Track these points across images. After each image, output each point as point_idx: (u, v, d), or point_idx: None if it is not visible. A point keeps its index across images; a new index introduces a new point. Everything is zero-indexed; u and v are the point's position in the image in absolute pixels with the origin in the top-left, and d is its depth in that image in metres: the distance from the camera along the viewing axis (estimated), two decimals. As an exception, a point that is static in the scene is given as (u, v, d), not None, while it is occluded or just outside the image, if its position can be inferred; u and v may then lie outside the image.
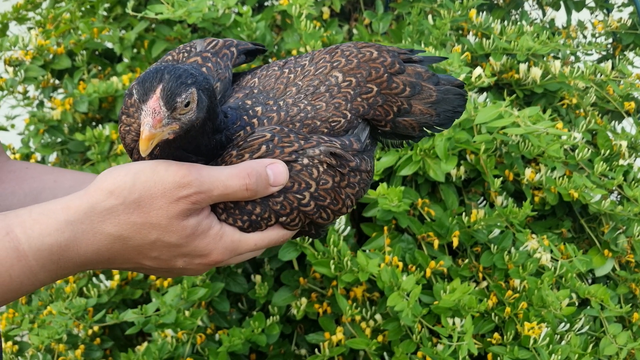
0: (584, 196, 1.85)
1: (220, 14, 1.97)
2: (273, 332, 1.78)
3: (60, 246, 0.75)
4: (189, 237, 0.79)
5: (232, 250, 0.83)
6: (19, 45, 2.16)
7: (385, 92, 0.95)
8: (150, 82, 0.74)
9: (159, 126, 0.74)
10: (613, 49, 2.47)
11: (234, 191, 0.81)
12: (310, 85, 0.94)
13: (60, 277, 0.79)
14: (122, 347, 2.00)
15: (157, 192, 0.77)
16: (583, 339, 1.76)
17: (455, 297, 1.65)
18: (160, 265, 0.81)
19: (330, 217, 0.89)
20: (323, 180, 0.87)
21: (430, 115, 0.98)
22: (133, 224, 0.77)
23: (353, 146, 0.90)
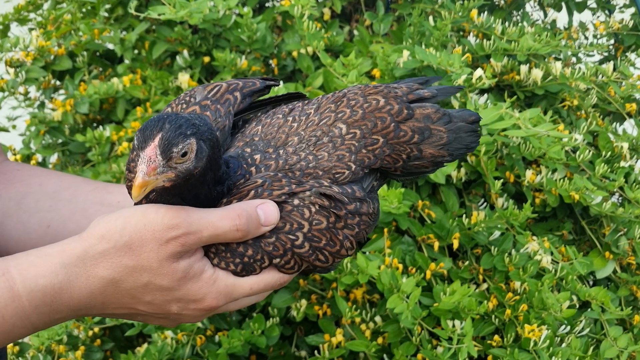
0: (585, 198, 1.85)
1: (221, 15, 1.97)
2: (273, 334, 1.78)
3: (54, 288, 0.76)
4: (180, 280, 0.79)
5: (227, 294, 0.82)
6: (20, 46, 2.16)
7: (392, 142, 0.92)
8: (150, 130, 0.76)
9: (153, 174, 0.75)
10: (615, 50, 2.46)
11: (224, 232, 0.80)
12: (312, 136, 0.92)
13: (53, 322, 0.79)
14: (122, 349, 2.00)
15: (147, 235, 0.77)
16: (583, 342, 1.76)
17: (455, 299, 1.65)
18: (155, 310, 0.81)
19: (329, 260, 0.86)
20: (316, 220, 0.85)
21: (442, 156, 0.95)
22: (125, 267, 0.77)
23: (355, 194, 0.88)
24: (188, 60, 2.12)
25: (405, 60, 1.86)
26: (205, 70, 2.17)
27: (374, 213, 0.90)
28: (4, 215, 1.07)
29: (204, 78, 2.16)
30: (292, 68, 2.14)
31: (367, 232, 0.90)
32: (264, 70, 2.14)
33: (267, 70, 2.17)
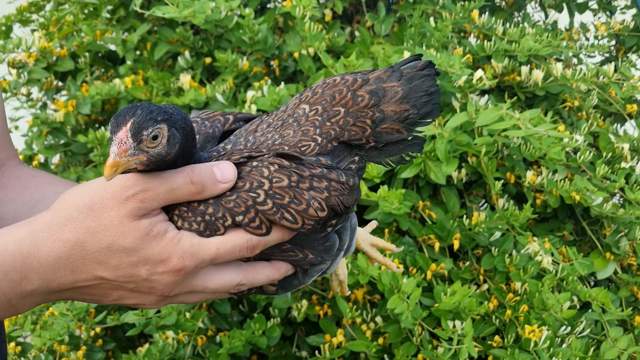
0: (585, 199, 1.85)
1: (222, 16, 1.98)
2: (274, 334, 1.79)
3: (22, 253, 0.78)
4: (143, 238, 0.80)
5: (193, 254, 0.82)
6: (22, 47, 2.17)
7: (353, 110, 0.94)
8: (123, 116, 0.80)
9: (123, 155, 0.79)
10: (616, 51, 2.46)
11: (179, 185, 0.82)
12: (279, 119, 0.96)
13: (24, 293, 0.79)
14: (124, 349, 2.00)
15: (107, 195, 0.80)
16: (584, 343, 1.76)
17: (456, 300, 1.65)
18: (124, 277, 0.81)
19: (297, 220, 0.86)
20: (276, 178, 0.86)
21: (406, 110, 0.95)
22: (88, 228, 0.79)
23: (321, 162, 0.90)
24: (190, 61, 2.13)
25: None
26: (207, 71, 2.18)
27: (347, 184, 0.90)
28: (16, 219, 1.08)
29: (205, 79, 2.16)
30: (294, 69, 2.15)
31: (343, 202, 0.89)
32: (265, 71, 2.14)
33: (268, 71, 2.17)
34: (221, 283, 0.87)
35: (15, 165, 1.17)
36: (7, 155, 1.17)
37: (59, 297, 0.84)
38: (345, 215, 0.93)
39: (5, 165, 1.16)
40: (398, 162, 0.98)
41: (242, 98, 1.98)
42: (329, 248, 0.93)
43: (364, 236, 1.11)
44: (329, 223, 0.91)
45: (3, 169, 1.16)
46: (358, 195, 0.93)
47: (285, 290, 0.96)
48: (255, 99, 1.91)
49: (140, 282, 0.83)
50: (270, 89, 1.91)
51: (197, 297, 0.88)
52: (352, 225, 1.00)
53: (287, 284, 0.95)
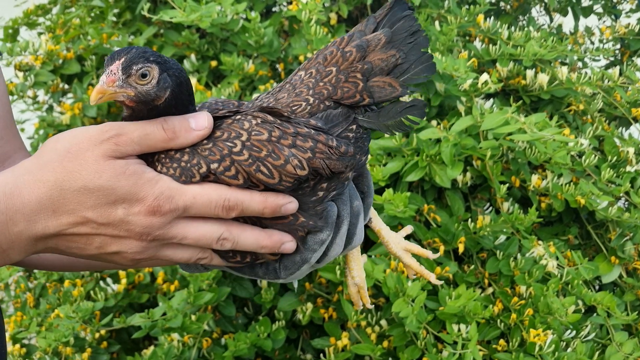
0: (590, 203, 1.85)
1: (228, 20, 1.99)
2: (279, 337, 1.79)
3: (5, 194, 0.82)
4: (119, 176, 0.82)
5: (169, 197, 0.83)
6: (29, 50, 2.18)
7: (343, 68, 0.94)
8: (118, 53, 0.84)
9: (111, 85, 0.83)
10: (621, 55, 2.46)
11: (152, 130, 0.84)
12: (278, 87, 0.98)
13: (14, 236, 0.82)
14: (129, 351, 2.01)
15: (84, 139, 0.84)
16: (589, 347, 1.75)
17: (461, 303, 1.65)
18: (102, 216, 0.83)
19: (274, 175, 0.85)
20: (256, 131, 0.86)
21: (392, 56, 0.94)
22: (65, 168, 0.83)
23: (310, 122, 0.89)
24: (195, 64, 2.13)
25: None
26: (213, 74, 2.19)
27: (336, 149, 0.88)
28: None
29: (211, 82, 2.17)
30: (299, 72, 2.15)
31: (329, 165, 0.88)
32: (271, 74, 2.15)
33: (273, 74, 2.18)
34: (202, 232, 0.87)
35: (22, 158, 1.18)
36: (13, 148, 1.18)
37: (46, 245, 0.86)
38: (338, 181, 0.91)
39: (12, 157, 1.18)
40: (399, 127, 0.95)
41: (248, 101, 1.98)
42: (323, 214, 0.91)
43: (397, 240, 1.06)
44: (319, 186, 0.90)
45: (9, 162, 1.17)
46: (350, 163, 0.91)
47: (289, 271, 0.94)
48: (260, 102, 1.91)
49: (117, 223, 0.84)
50: (276, 92, 1.92)
51: (182, 252, 0.88)
52: (354, 207, 0.96)
53: (289, 262, 0.93)
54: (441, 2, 2.12)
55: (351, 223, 0.95)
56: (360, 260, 1.02)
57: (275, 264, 0.93)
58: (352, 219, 0.95)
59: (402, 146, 1.84)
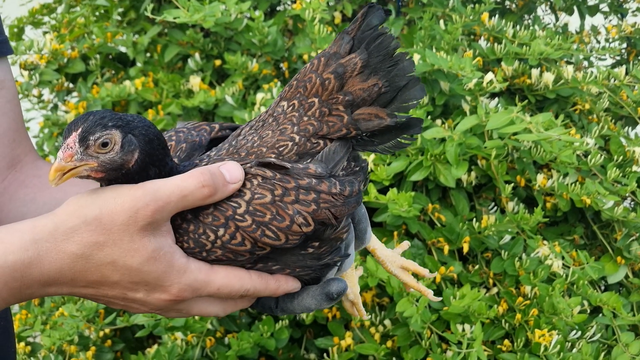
0: (596, 202, 1.84)
1: (232, 19, 1.99)
2: (282, 337, 1.78)
3: (23, 263, 0.76)
4: (149, 260, 0.78)
5: (194, 290, 0.81)
6: (34, 49, 2.19)
7: (325, 98, 0.88)
8: (75, 123, 0.79)
9: (69, 160, 0.78)
10: (627, 54, 2.45)
11: (191, 191, 0.79)
12: (260, 121, 0.92)
13: (25, 297, 0.79)
14: (133, 350, 2.01)
15: (117, 207, 0.77)
16: (595, 347, 1.74)
17: (465, 303, 1.64)
18: (121, 293, 0.80)
19: (280, 237, 0.82)
20: (258, 194, 0.82)
21: (374, 85, 0.86)
22: (95, 243, 0.77)
23: (309, 170, 0.84)
24: (199, 64, 2.13)
25: (416, 64, 1.86)
26: (217, 73, 2.18)
27: (340, 194, 0.84)
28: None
29: (215, 81, 2.17)
30: (303, 71, 2.15)
31: (334, 213, 0.84)
32: (275, 73, 2.15)
33: (277, 73, 2.18)
34: (203, 312, 0.88)
35: (32, 162, 1.17)
36: (23, 151, 1.16)
37: (53, 295, 0.85)
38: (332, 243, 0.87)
39: (22, 161, 1.16)
40: (396, 146, 0.90)
41: (252, 100, 1.98)
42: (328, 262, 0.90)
43: (393, 258, 1.04)
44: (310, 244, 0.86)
45: (21, 165, 1.15)
46: (357, 201, 0.86)
47: (285, 313, 0.94)
48: (264, 101, 1.91)
49: (134, 300, 0.82)
50: (280, 91, 1.91)
51: (177, 314, 0.89)
52: (359, 214, 0.94)
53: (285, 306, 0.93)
54: (446, 1, 2.12)
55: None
56: (354, 276, 1.00)
57: (271, 303, 0.93)
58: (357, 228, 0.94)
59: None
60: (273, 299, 0.93)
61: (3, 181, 1.12)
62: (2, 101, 1.11)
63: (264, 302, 0.93)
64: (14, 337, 1.15)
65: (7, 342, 1.11)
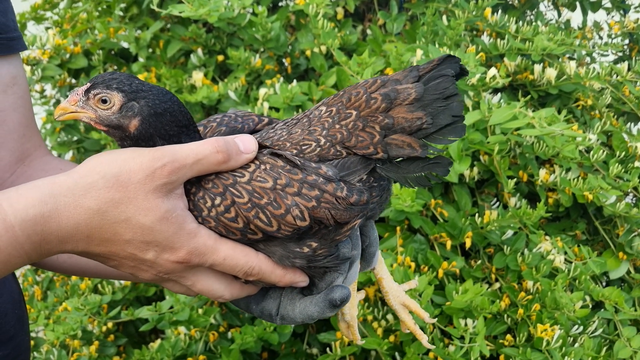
0: (598, 198, 1.84)
1: (235, 14, 1.99)
2: (285, 331, 1.79)
3: (43, 216, 0.79)
4: (161, 220, 0.81)
5: (201, 254, 0.83)
6: (36, 44, 2.19)
7: (365, 114, 0.89)
8: (94, 77, 0.88)
9: (72, 103, 0.86)
10: (629, 49, 2.44)
11: (206, 155, 0.83)
12: (295, 119, 0.94)
13: (44, 253, 0.82)
14: (136, 344, 2.02)
15: (135, 166, 0.81)
16: (597, 342, 1.75)
17: (468, 298, 1.65)
18: (133, 252, 0.83)
19: (272, 223, 0.83)
20: (261, 178, 0.85)
21: (418, 118, 0.87)
22: (111, 199, 0.80)
23: (320, 171, 0.86)
24: (202, 59, 2.13)
25: (419, 60, 1.86)
26: (219, 68, 2.18)
27: (344, 199, 0.85)
28: None
29: (217, 76, 2.17)
30: (306, 67, 2.15)
31: (334, 216, 0.85)
32: (278, 68, 2.15)
33: (280, 69, 2.18)
34: (208, 288, 0.89)
35: (42, 156, 1.18)
36: (33, 145, 1.18)
37: (69, 252, 0.86)
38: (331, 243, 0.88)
39: (31, 155, 1.18)
40: (419, 182, 0.89)
41: (255, 95, 1.98)
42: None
43: (397, 293, 1.03)
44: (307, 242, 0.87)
45: (30, 160, 1.17)
46: (361, 212, 0.86)
47: (285, 322, 0.94)
48: (267, 96, 1.92)
49: (144, 261, 0.84)
50: (283, 86, 1.91)
51: (181, 289, 0.90)
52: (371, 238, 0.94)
53: (285, 313, 0.93)
54: (449, -3, 2.12)
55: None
56: (354, 297, 1.00)
57: (272, 310, 0.94)
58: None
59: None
60: (274, 305, 0.94)
61: (12, 175, 1.13)
62: (14, 97, 1.13)
63: (264, 307, 0.95)
64: (28, 327, 1.17)
65: (22, 330, 1.13)
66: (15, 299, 1.12)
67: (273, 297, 0.95)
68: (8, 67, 1.12)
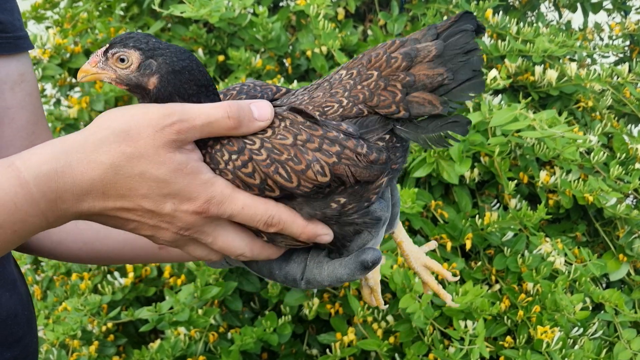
0: (599, 200, 1.84)
1: (236, 14, 1.98)
2: (285, 332, 1.79)
3: (57, 173, 0.79)
4: (176, 172, 0.80)
5: (219, 202, 0.82)
6: (37, 43, 2.19)
7: (386, 73, 0.89)
8: (113, 39, 0.88)
9: (93, 65, 0.87)
10: (630, 51, 2.44)
11: (217, 119, 0.82)
12: (316, 84, 0.94)
13: (61, 213, 0.81)
14: (136, 344, 2.01)
15: (144, 122, 0.81)
16: (597, 344, 1.75)
17: (468, 300, 1.65)
18: (149, 207, 0.82)
19: (292, 179, 0.83)
20: (281, 135, 0.84)
21: (440, 74, 0.87)
22: (123, 153, 0.80)
23: (341, 127, 0.86)
24: (203, 59, 2.13)
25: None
26: (220, 69, 2.18)
27: (365, 156, 0.85)
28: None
29: (218, 76, 2.17)
30: (306, 67, 2.15)
31: (354, 173, 0.84)
32: (278, 69, 2.15)
33: (281, 69, 2.18)
34: (228, 246, 0.87)
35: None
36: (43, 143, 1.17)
37: (87, 219, 0.85)
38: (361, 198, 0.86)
39: None
40: (438, 142, 0.89)
41: (255, 96, 1.98)
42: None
43: (418, 255, 1.03)
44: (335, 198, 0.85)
45: None
46: (379, 171, 0.87)
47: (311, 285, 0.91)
48: (268, 97, 1.91)
49: (163, 215, 0.83)
50: (284, 84, 1.91)
51: (203, 251, 0.89)
52: (395, 197, 0.92)
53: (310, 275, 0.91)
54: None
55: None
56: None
57: (297, 274, 0.92)
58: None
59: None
60: (299, 269, 0.92)
61: None
62: (22, 94, 1.13)
63: (288, 272, 0.92)
64: (36, 329, 1.16)
65: (30, 332, 1.13)
66: (24, 300, 1.12)
67: (297, 261, 0.93)
68: (16, 65, 1.13)
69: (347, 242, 0.90)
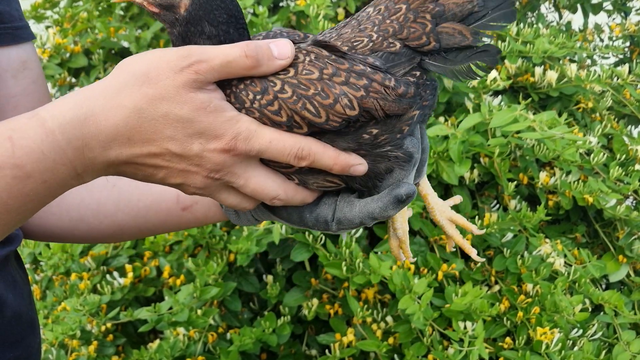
0: (598, 201, 1.84)
1: (235, 15, 1.98)
2: (284, 332, 1.79)
3: (79, 120, 0.79)
4: (199, 110, 0.80)
5: (246, 138, 0.82)
6: (36, 43, 2.18)
7: (414, 6, 0.89)
8: None
9: None
10: (630, 52, 2.44)
11: (234, 58, 0.81)
12: (343, 23, 0.93)
13: (88, 164, 0.81)
14: (135, 344, 2.01)
15: (162, 64, 0.81)
16: (596, 345, 1.75)
17: (467, 301, 1.65)
18: (177, 150, 0.81)
19: (321, 114, 0.82)
20: (307, 70, 0.83)
21: (469, 2, 0.87)
22: (145, 95, 0.80)
23: (367, 60, 0.85)
24: (203, 59, 2.13)
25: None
26: (220, 69, 2.18)
27: (393, 89, 0.84)
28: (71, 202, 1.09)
29: (218, 77, 2.17)
30: (306, 68, 2.15)
31: (382, 106, 0.83)
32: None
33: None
34: (261, 187, 0.86)
35: None
36: None
37: (115, 171, 0.85)
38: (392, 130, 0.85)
39: None
40: (467, 74, 0.88)
41: (255, 96, 1.98)
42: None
43: (443, 209, 1.01)
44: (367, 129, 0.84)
45: None
46: (408, 105, 0.85)
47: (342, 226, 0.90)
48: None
49: (191, 157, 0.82)
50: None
51: (235, 198, 0.88)
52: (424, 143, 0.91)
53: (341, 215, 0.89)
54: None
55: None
56: (405, 212, 0.97)
57: (328, 215, 0.91)
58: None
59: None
60: (330, 210, 0.91)
61: None
62: (26, 81, 1.12)
63: (318, 214, 0.91)
64: (39, 329, 1.16)
65: (33, 334, 1.12)
66: (28, 301, 1.12)
67: (328, 202, 0.92)
68: (17, 52, 1.12)
69: (379, 181, 0.89)
